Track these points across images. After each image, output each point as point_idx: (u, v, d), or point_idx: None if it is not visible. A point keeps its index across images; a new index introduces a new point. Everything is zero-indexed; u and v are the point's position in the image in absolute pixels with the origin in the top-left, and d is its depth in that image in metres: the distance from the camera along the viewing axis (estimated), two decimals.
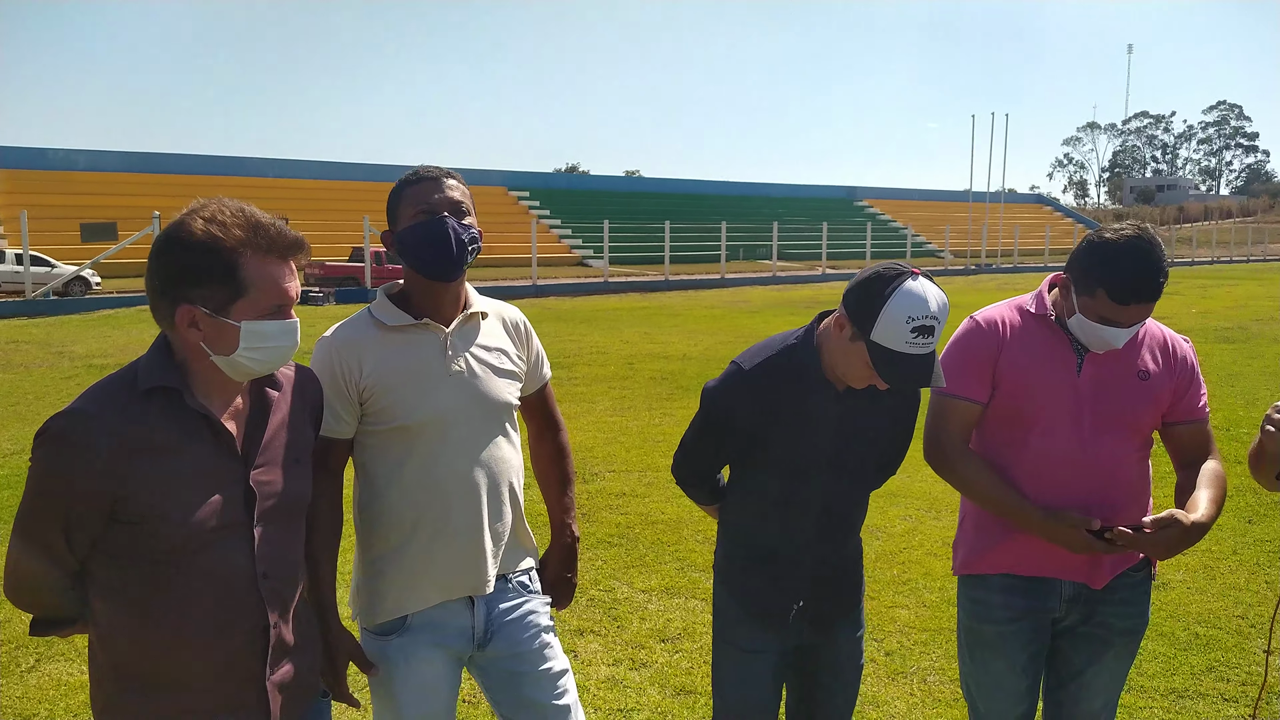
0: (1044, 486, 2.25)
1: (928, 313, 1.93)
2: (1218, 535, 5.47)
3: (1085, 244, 2.23)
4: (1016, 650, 2.36)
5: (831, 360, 2.14)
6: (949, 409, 2.35)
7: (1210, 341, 13.96)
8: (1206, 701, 3.64)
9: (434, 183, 2.14)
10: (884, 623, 4.41)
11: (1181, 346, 2.37)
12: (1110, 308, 2.15)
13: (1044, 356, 2.28)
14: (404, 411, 2.10)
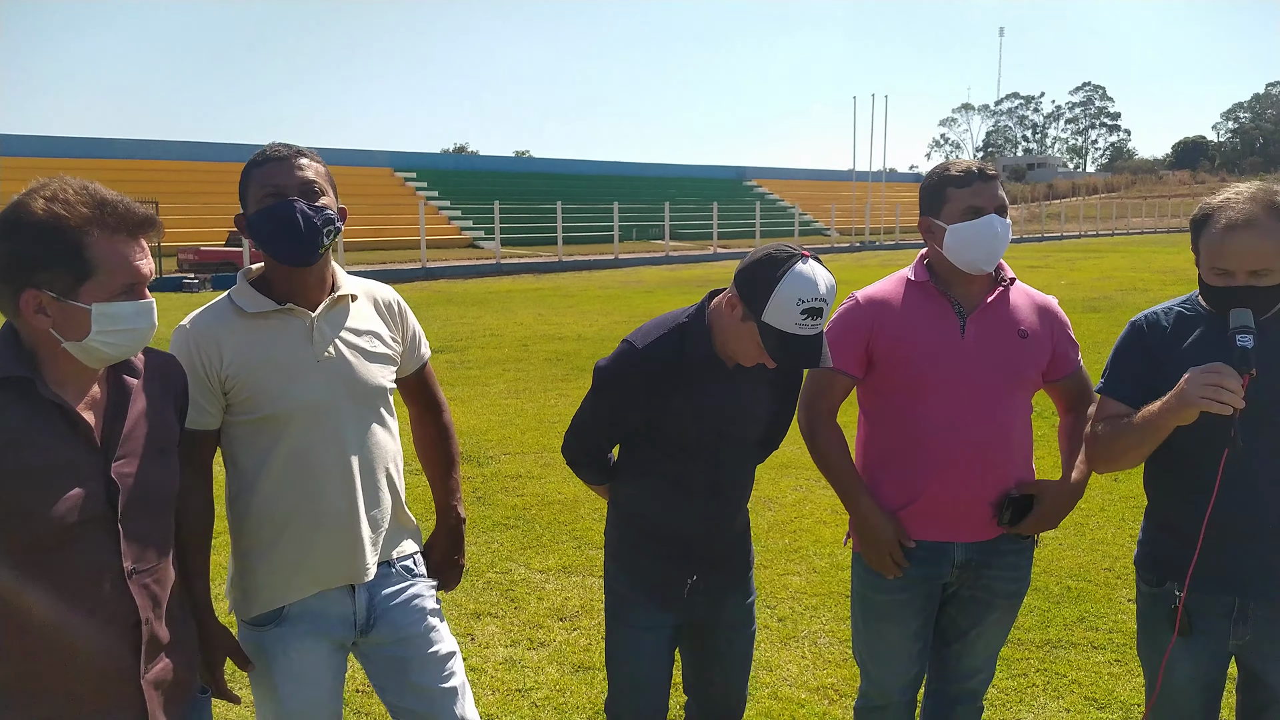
0: (943, 449, 2.32)
1: (817, 295, 1.96)
2: (1087, 494, 5.76)
3: (923, 181, 2.38)
4: (909, 617, 2.43)
5: (722, 339, 2.16)
6: (823, 380, 2.43)
7: (1079, 311, 14.68)
8: (1078, 650, 3.85)
9: (282, 163, 2.03)
10: (777, 590, 4.51)
11: (1052, 305, 2.48)
12: (962, 196, 2.26)
13: (928, 322, 2.35)
14: (269, 401, 2.02)
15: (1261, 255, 1.99)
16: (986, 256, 2.28)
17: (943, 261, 2.35)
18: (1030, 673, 3.68)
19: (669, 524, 2.29)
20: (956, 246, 2.28)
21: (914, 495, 2.36)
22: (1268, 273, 2.00)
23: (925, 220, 2.36)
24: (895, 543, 2.35)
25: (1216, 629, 2.14)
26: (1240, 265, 2.02)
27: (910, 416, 2.35)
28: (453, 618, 4.20)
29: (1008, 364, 2.34)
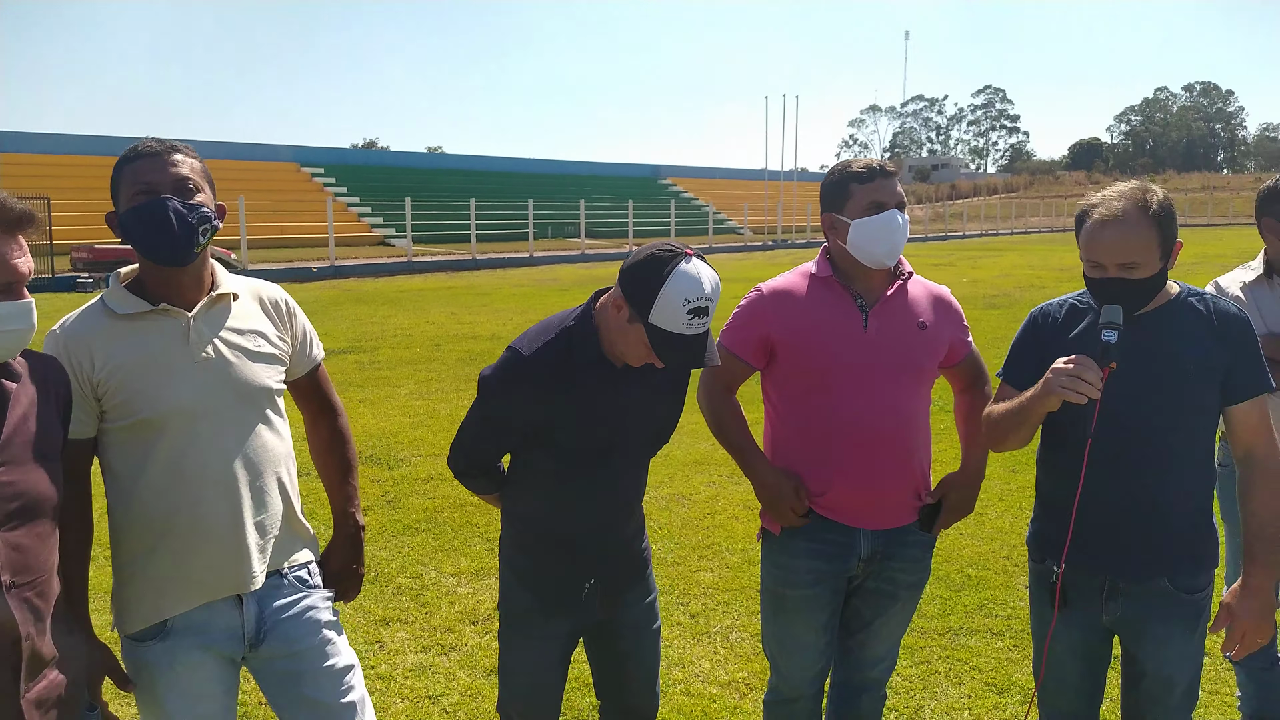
0: (849, 440, 2.37)
1: (702, 294, 1.96)
2: (986, 485, 5.96)
3: (825, 178, 2.44)
4: (817, 611, 2.48)
5: (610, 340, 2.15)
6: (724, 361, 2.46)
7: (980, 308, 15.19)
8: (978, 637, 3.98)
9: (154, 159, 1.96)
10: (689, 586, 4.55)
11: (946, 294, 2.57)
12: (865, 191, 2.33)
13: (831, 316, 2.40)
14: (145, 405, 1.95)
15: (1128, 249, 2.10)
16: (889, 250, 2.34)
17: (845, 256, 2.39)
18: (933, 660, 3.80)
19: (564, 529, 2.28)
20: (860, 241, 2.33)
21: (822, 487, 2.41)
22: (1135, 266, 2.11)
23: (828, 216, 2.41)
24: (795, 496, 2.40)
25: (1091, 604, 2.26)
26: (1109, 258, 2.12)
27: (816, 409, 2.39)
28: (361, 625, 4.12)
29: (909, 356, 2.41)
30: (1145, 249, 2.10)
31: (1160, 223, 2.10)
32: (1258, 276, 2.93)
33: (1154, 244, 2.10)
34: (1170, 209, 2.13)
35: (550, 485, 2.26)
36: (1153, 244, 2.10)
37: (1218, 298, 2.21)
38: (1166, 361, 2.15)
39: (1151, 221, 2.09)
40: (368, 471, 6.45)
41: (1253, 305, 2.86)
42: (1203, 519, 2.20)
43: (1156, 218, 2.09)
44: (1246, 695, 3.16)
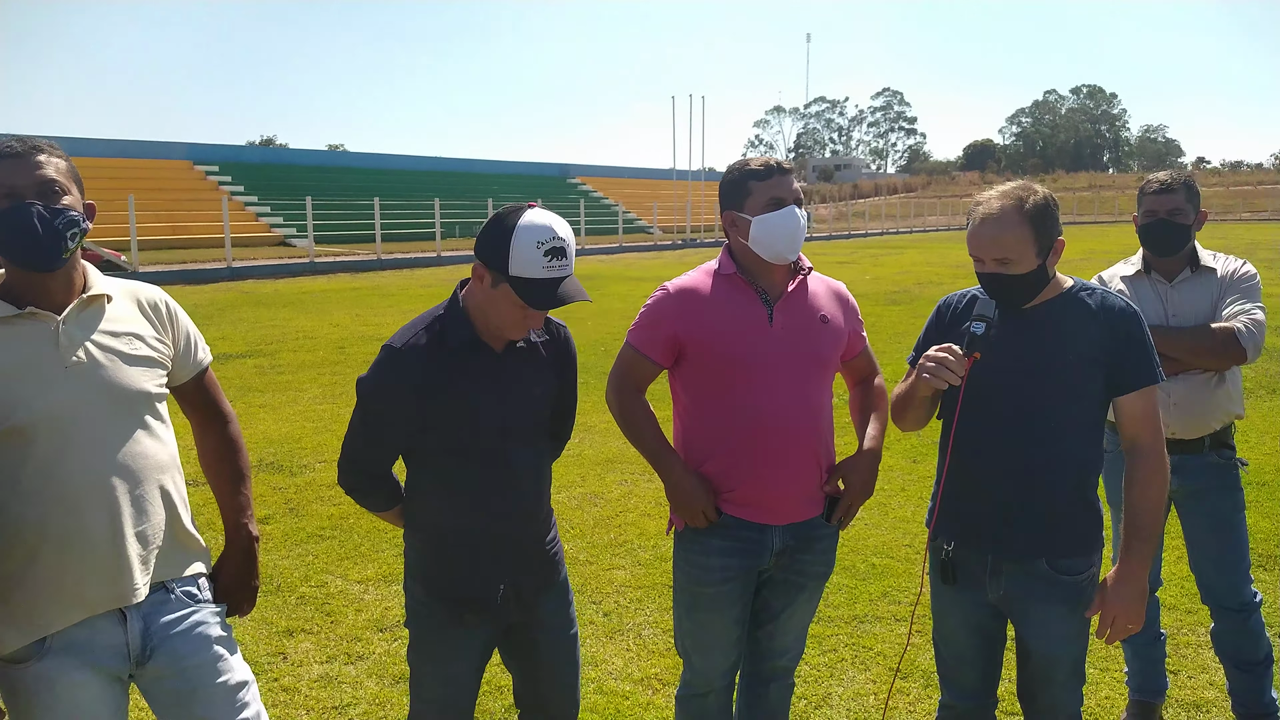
0: (758, 435, 2.40)
1: (554, 235, 2.04)
2: (888, 475, 6.14)
3: (724, 176, 2.46)
4: (730, 607, 2.50)
5: (483, 317, 2.16)
6: (633, 361, 2.50)
7: (881, 304, 15.59)
8: (882, 624, 4.09)
9: (17, 161, 1.87)
10: (602, 585, 4.55)
11: (843, 290, 2.63)
12: (764, 188, 2.36)
13: (737, 312, 2.42)
14: (11, 412, 1.86)
15: (1002, 245, 2.20)
16: (790, 246, 2.38)
17: (747, 253, 2.42)
18: (840, 648, 3.88)
19: (470, 531, 2.24)
20: (762, 237, 2.37)
21: (733, 484, 2.43)
22: (1010, 262, 2.21)
23: (729, 214, 2.44)
24: (708, 499, 2.42)
25: (978, 582, 2.36)
26: (986, 253, 2.24)
27: (726, 405, 2.41)
28: (263, 637, 4.00)
29: (814, 349, 2.46)
30: (1019, 246, 2.19)
31: (1034, 221, 2.19)
32: (1136, 271, 3.08)
33: (1029, 241, 2.19)
34: (1046, 208, 2.22)
35: (450, 486, 2.23)
36: (1027, 241, 2.19)
37: (1110, 293, 2.30)
38: (1050, 352, 2.24)
39: (1026, 220, 2.19)
40: (269, 479, 6.26)
41: (1131, 298, 3.01)
42: (1084, 504, 2.29)
43: (1031, 216, 2.19)
44: (1133, 671, 3.32)
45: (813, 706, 3.44)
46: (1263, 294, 2.98)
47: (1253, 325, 2.84)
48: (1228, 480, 3.01)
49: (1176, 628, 3.95)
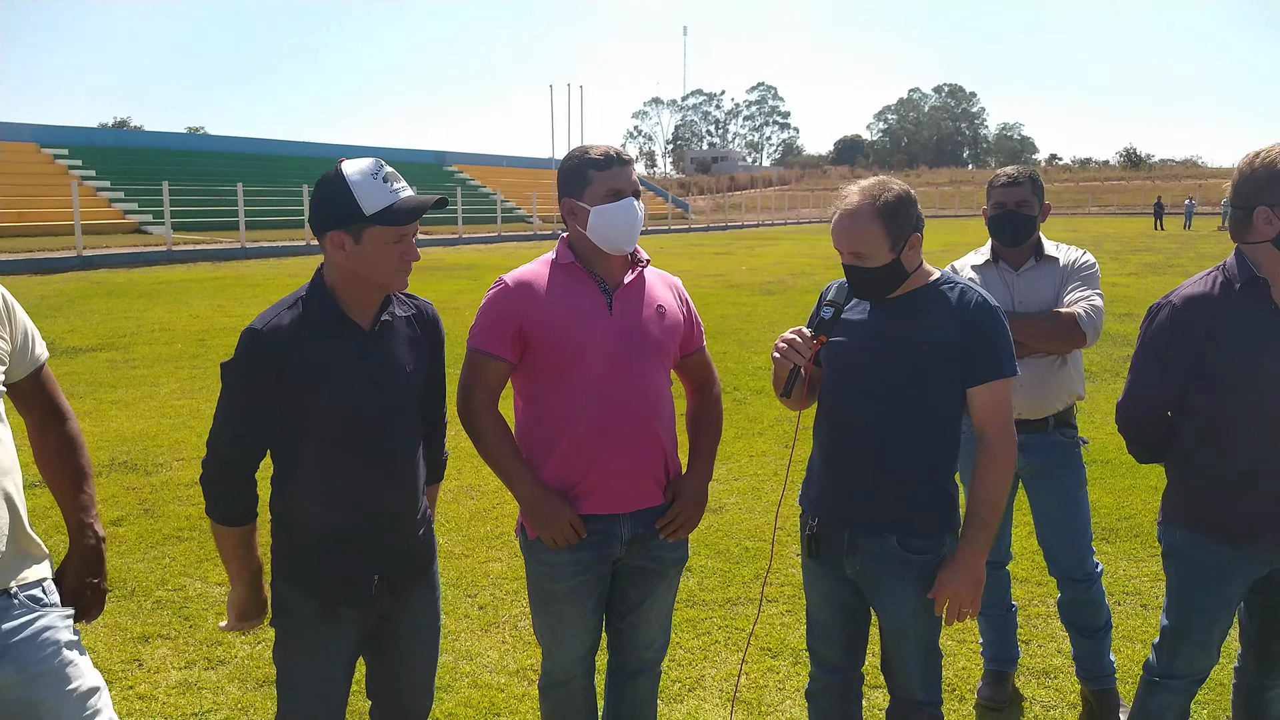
0: (603, 424, 2.39)
1: (380, 164, 2.08)
2: (762, 460, 6.28)
3: (562, 163, 2.45)
4: (586, 598, 2.50)
5: (351, 286, 2.13)
6: (481, 365, 2.43)
7: (757, 294, 15.91)
8: (754, 605, 4.17)
9: None
10: (478, 578, 4.49)
11: (678, 284, 2.64)
12: (603, 179, 2.35)
13: (576, 302, 2.41)
14: None
15: (856, 239, 2.28)
16: (627, 237, 2.39)
17: (585, 242, 2.41)
18: (713, 630, 3.94)
19: (342, 522, 2.17)
20: (600, 227, 2.36)
21: (580, 474, 2.42)
22: (864, 255, 2.29)
23: (568, 202, 2.42)
24: (569, 515, 2.39)
25: (837, 556, 2.43)
26: (842, 246, 2.32)
27: (568, 395, 2.39)
28: (117, 643, 3.79)
29: (654, 338, 2.46)
30: (871, 240, 2.27)
31: (887, 217, 2.27)
32: (985, 260, 3.23)
33: (881, 236, 2.27)
34: (900, 205, 2.29)
35: (323, 475, 2.15)
36: (880, 236, 2.27)
37: (971, 287, 2.38)
38: (907, 341, 2.32)
39: (879, 216, 2.26)
40: (122, 479, 5.93)
41: (981, 286, 3.15)
42: (936, 487, 2.37)
43: (883, 213, 2.26)
44: (987, 642, 3.49)
45: (686, 689, 3.49)
46: (1111, 283, 3.17)
47: (1092, 311, 3.01)
48: (1071, 458, 3.19)
49: (1028, 599, 4.18)
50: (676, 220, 53.13)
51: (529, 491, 2.41)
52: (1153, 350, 2.48)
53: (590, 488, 2.43)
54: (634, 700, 2.70)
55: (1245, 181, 2.33)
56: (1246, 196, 2.33)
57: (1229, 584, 2.45)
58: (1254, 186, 2.31)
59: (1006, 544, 3.42)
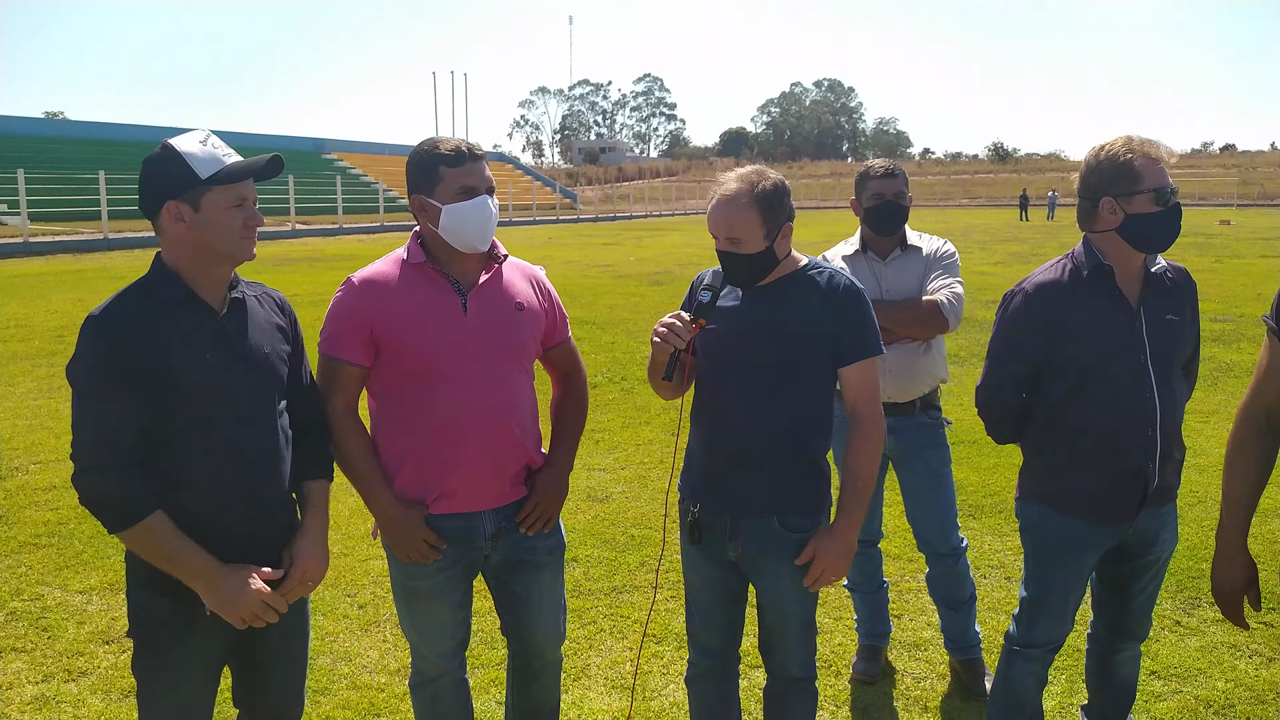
0: (460, 425, 2.35)
1: (207, 134, 2.06)
2: (649, 449, 6.33)
3: (412, 157, 2.38)
4: (452, 593, 2.47)
5: (195, 261, 2.07)
6: (332, 371, 2.37)
7: (645, 285, 16.01)
8: (640, 592, 4.21)
9: None
10: (358, 577, 4.40)
11: (540, 275, 2.62)
12: (456, 175, 2.31)
13: (430, 302, 2.36)
14: None
15: (731, 225, 2.32)
16: (481, 236, 2.34)
17: (437, 240, 2.35)
18: (599, 619, 3.96)
19: (202, 512, 2.05)
20: (453, 226, 2.31)
21: (439, 476, 2.38)
22: (739, 241, 2.33)
23: (418, 198, 2.35)
24: (423, 532, 2.36)
25: (719, 541, 2.47)
26: (719, 231, 2.36)
27: (424, 398, 2.35)
28: None
29: (511, 339, 2.43)
30: (747, 226, 2.31)
31: (763, 205, 2.31)
32: (855, 250, 3.34)
33: (757, 223, 2.31)
34: (777, 194, 2.34)
35: (184, 471, 2.05)
36: (755, 223, 2.31)
37: (837, 271, 2.44)
38: (779, 326, 2.38)
39: (755, 203, 2.31)
40: None
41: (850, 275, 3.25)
42: (812, 466, 2.44)
43: (760, 201, 2.31)
44: (861, 618, 3.61)
45: (571, 679, 3.50)
46: (978, 272, 3.31)
47: (954, 298, 3.15)
48: (936, 438, 3.33)
49: (900, 575, 4.35)
50: (565, 211, 52.96)
51: (384, 510, 2.37)
52: (1007, 335, 2.61)
53: (449, 490, 2.40)
54: (538, 691, 2.69)
55: (1091, 174, 2.47)
56: (1093, 188, 2.47)
57: (1082, 555, 2.60)
58: (1099, 178, 2.45)
59: (878, 523, 3.55)
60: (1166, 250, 2.50)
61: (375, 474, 2.38)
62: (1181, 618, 3.90)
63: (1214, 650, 3.62)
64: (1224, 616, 2.30)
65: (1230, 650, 3.62)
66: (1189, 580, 4.23)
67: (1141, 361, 2.46)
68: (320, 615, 3.99)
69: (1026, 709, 2.75)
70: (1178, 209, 2.43)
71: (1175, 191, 2.42)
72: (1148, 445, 2.47)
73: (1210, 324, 10.86)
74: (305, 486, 2.28)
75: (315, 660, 3.60)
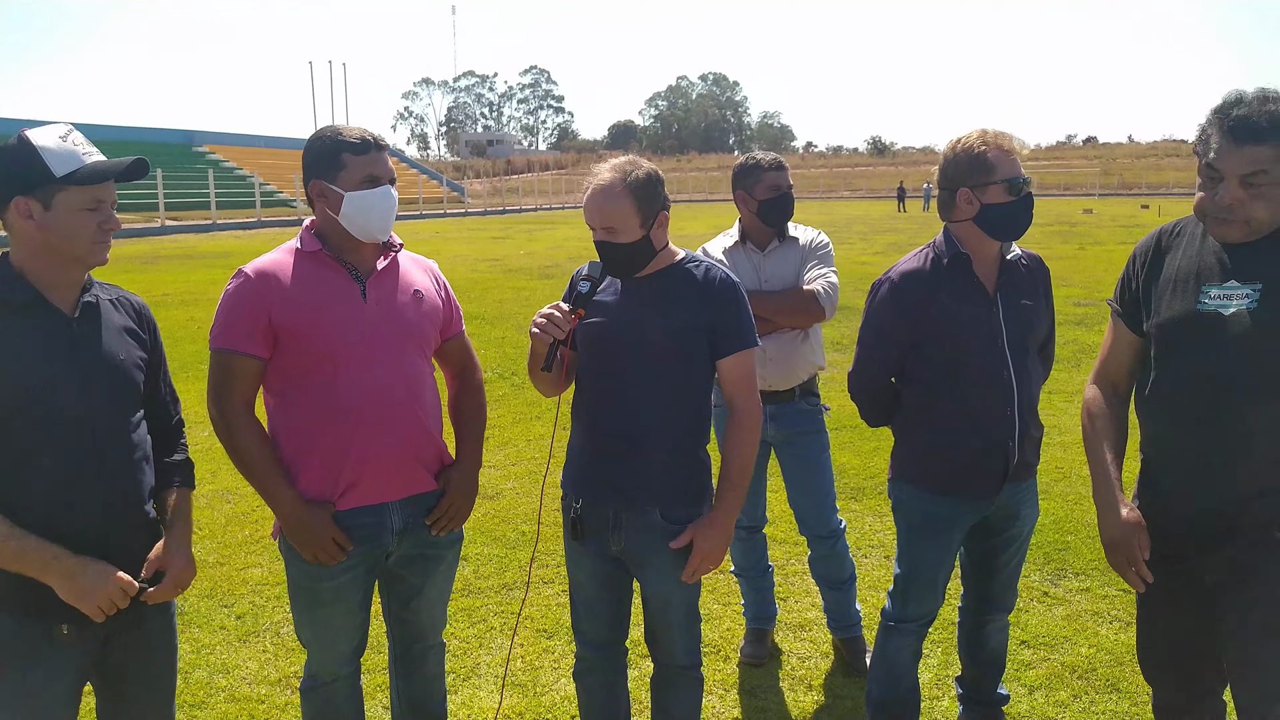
0: (364, 416, 2.31)
1: (69, 130, 1.97)
2: (540, 444, 6.29)
3: (312, 144, 2.33)
4: (354, 593, 2.42)
5: (44, 262, 1.97)
6: (228, 366, 2.29)
7: (536, 279, 15.93)
8: (532, 588, 4.19)
9: None
10: (236, 586, 4.24)
11: (434, 267, 2.61)
12: (360, 164, 2.28)
13: (329, 291, 2.32)
14: None
15: (608, 214, 2.32)
16: (383, 226, 2.33)
17: (336, 228, 2.32)
18: (489, 617, 3.92)
19: (67, 524, 1.94)
20: (355, 214, 2.28)
21: (343, 469, 2.33)
22: (614, 231, 2.33)
23: (317, 184, 2.31)
24: (332, 532, 2.31)
25: (602, 535, 2.47)
26: (594, 221, 2.36)
27: (326, 389, 2.30)
28: None
29: (412, 325, 2.41)
30: (622, 216, 2.32)
31: (637, 194, 2.31)
32: (735, 242, 3.38)
33: (632, 213, 2.32)
34: (650, 182, 2.34)
35: (34, 479, 1.93)
36: (630, 213, 2.32)
37: (714, 265, 2.46)
38: (657, 319, 2.38)
39: (629, 192, 2.31)
40: None
41: (732, 267, 3.29)
42: (690, 457, 2.46)
43: (633, 189, 2.31)
44: (748, 602, 3.68)
45: (461, 679, 3.45)
46: (860, 262, 3.40)
47: (829, 288, 3.23)
48: (816, 424, 3.42)
49: (785, 559, 4.45)
50: (452, 204, 52.20)
51: (289, 510, 2.29)
52: (876, 322, 2.69)
53: (356, 481, 2.34)
54: (424, 681, 2.66)
55: (949, 165, 2.57)
56: (951, 179, 2.56)
57: (949, 531, 2.70)
58: (956, 170, 2.55)
59: (762, 509, 3.62)
60: (1020, 238, 2.62)
61: (277, 472, 2.30)
62: (1049, 589, 4.11)
63: (1078, 618, 3.83)
64: (1124, 579, 2.23)
65: (1093, 618, 3.83)
66: (1055, 553, 4.46)
67: (999, 345, 2.57)
68: (196, 627, 3.83)
69: (903, 682, 2.85)
70: (1029, 199, 2.55)
71: (1028, 182, 2.54)
72: (1007, 424, 2.59)
73: (1073, 308, 11.48)
74: (166, 495, 2.18)
75: (190, 674, 3.45)
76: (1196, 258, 2.14)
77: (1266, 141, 1.92)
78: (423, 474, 2.46)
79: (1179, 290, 2.15)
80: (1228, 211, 2.00)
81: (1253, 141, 1.93)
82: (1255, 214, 1.98)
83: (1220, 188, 1.99)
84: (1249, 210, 1.97)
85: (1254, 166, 1.94)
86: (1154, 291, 2.22)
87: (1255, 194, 1.96)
